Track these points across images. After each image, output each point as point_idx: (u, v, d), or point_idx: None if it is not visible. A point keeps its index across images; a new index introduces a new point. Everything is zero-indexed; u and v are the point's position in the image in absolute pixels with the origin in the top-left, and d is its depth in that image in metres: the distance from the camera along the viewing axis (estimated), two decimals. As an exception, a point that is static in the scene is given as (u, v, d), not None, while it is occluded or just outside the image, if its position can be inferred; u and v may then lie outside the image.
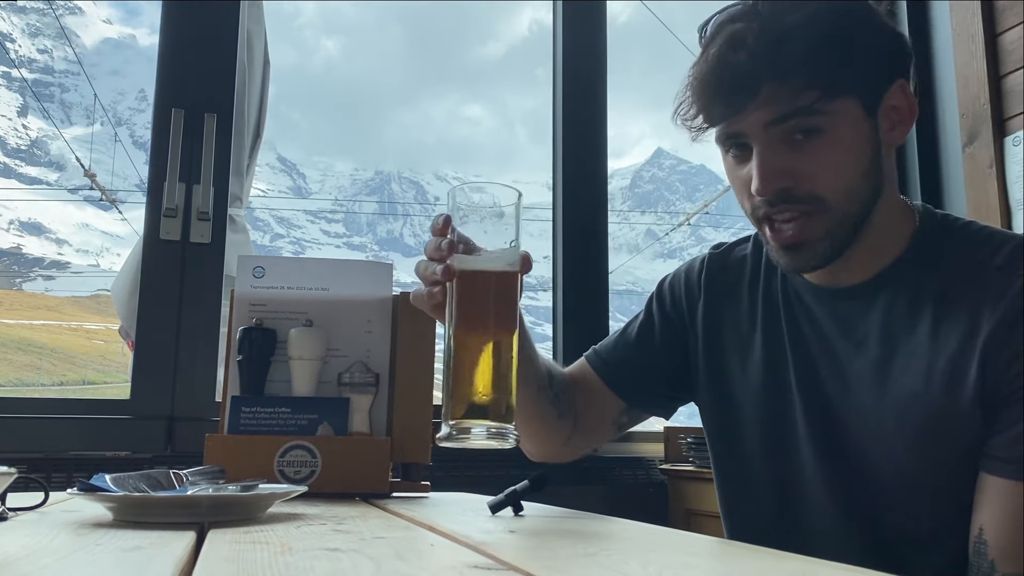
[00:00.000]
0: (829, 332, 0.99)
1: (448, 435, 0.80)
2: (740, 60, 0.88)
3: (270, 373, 1.12)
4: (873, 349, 0.95)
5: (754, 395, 1.05)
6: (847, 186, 0.91)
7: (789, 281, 1.04)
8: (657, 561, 0.57)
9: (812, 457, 0.98)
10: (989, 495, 0.87)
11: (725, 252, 1.14)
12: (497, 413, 0.80)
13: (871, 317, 0.96)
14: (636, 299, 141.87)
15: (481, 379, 0.81)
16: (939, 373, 0.89)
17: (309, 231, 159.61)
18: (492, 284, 0.82)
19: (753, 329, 1.06)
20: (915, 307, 0.93)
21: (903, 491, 0.92)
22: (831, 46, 0.88)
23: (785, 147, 0.90)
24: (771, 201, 0.91)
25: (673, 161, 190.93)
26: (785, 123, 0.89)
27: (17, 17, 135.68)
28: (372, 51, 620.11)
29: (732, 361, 1.08)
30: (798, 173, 0.90)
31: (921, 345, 0.91)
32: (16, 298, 62.14)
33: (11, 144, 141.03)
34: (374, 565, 0.52)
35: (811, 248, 0.92)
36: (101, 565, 0.55)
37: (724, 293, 1.11)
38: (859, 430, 0.95)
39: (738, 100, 0.89)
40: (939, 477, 0.90)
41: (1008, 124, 1.98)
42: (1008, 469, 0.85)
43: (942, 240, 0.96)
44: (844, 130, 0.90)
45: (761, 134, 0.90)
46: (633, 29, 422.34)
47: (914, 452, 0.90)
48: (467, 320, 0.82)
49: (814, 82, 0.87)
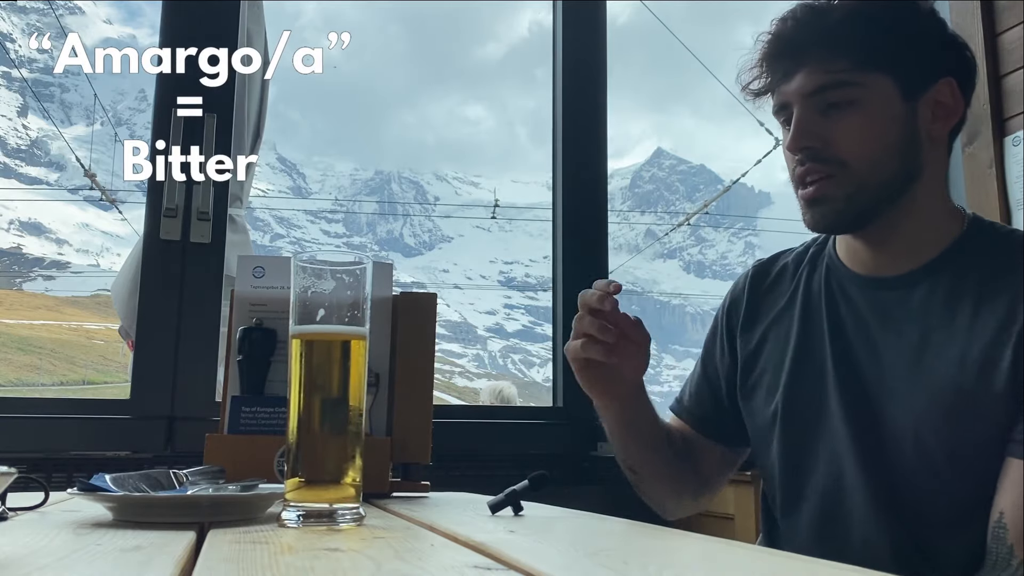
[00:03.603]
0: (868, 318, 1.03)
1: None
2: (788, 30, 1.01)
3: (270, 373, 1.12)
4: (910, 335, 0.98)
5: (788, 378, 1.07)
6: (871, 156, 0.98)
7: (833, 273, 1.08)
8: (657, 561, 0.57)
9: (845, 437, 1.00)
10: (1011, 479, 0.88)
11: (768, 262, 1.20)
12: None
13: (910, 306, 0.99)
14: (636, 299, 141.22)
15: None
16: (973, 359, 0.92)
17: (309, 231, 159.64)
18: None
19: (792, 320, 1.10)
20: (954, 299, 0.96)
21: (929, 474, 0.94)
22: (870, 23, 0.99)
23: (819, 114, 1.00)
24: (802, 160, 1.00)
25: (673, 161, 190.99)
26: (822, 94, 0.99)
27: (17, 17, 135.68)
28: (372, 51, 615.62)
29: (769, 345, 1.12)
30: (826, 138, 0.99)
31: (957, 333, 0.94)
32: (16, 298, 62.13)
33: (11, 144, 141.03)
34: (374, 565, 0.52)
35: (830, 206, 0.99)
36: (101, 565, 0.55)
37: (767, 294, 1.16)
38: (892, 413, 0.97)
39: (785, 67, 1.01)
40: (966, 462, 0.92)
41: (1008, 124, 1.98)
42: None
43: (986, 243, 1.01)
44: (874, 105, 0.98)
45: (801, 101, 1.00)
46: (633, 29, 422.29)
47: (942, 435, 0.93)
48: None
49: (848, 54, 0.97)
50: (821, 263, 1.11)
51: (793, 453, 1.06)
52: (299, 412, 0.76)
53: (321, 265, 0.77)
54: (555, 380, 2.14)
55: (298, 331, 0.77)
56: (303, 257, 0.77)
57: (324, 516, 0.72)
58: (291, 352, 0.77)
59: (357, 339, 0.77)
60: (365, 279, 0.77)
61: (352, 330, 0.77)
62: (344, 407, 0.77)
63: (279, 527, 0.72)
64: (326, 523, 0.72)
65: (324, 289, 0.77)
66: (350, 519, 0.73)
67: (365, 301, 0.78)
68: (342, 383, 0.77)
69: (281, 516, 0.73)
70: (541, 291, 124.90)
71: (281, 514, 0.73)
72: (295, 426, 0.76)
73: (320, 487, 0.75)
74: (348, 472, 0.75)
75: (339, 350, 0.77)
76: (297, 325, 0.77)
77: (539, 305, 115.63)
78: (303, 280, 0.77)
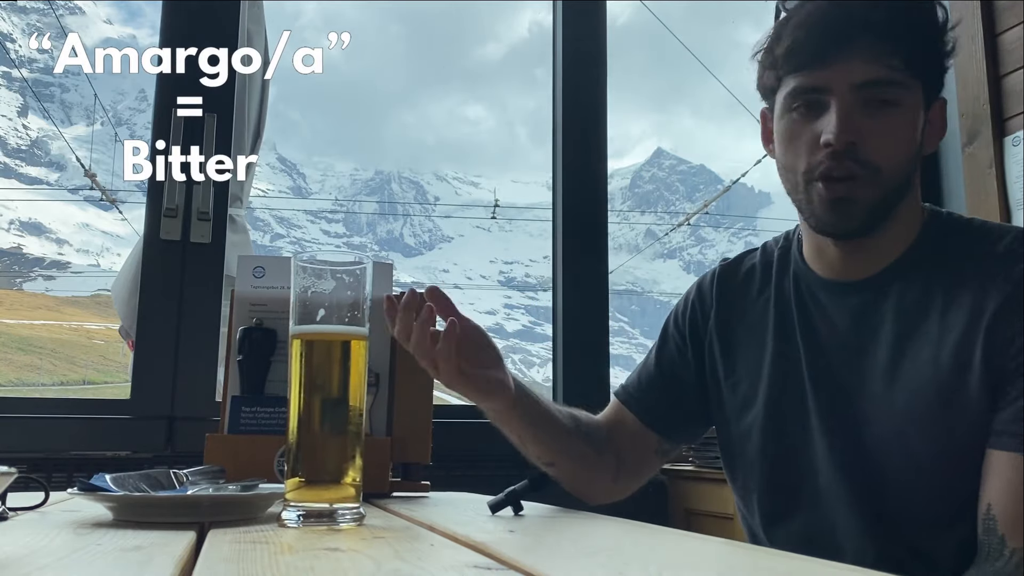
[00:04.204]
0: (841, 325, 1.01)
1: None
2: (838, 12, 0.93)
3: (270, 373, 1.12)
4: (885, 340, 0.97)
5: (767, 389, 1.05)
6: (899, 164, 0.95)
7: (801, 279, 1.06)
8: (657, 561, 0.57)
9: (824, 447, 0.99)
10: (995, 470, 0.88)
11: (734, 263, 1.17)
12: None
13: (883, 309, 0.98)
14: (636, 299, 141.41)
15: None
16: (947, 357, 0.91)
17: (309, 231, 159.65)
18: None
19: (765, 328, 1.08)
20: (925, 298, 0.95)
21: (915, 476, 0.93)
22: (918, 25, 0.95)
23: (862, 109, 0.93)
24: (836, 155, 0.93)
25: (673, 161, 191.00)
26: (872, 88, 0.93)
27: (17, 17, 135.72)
28: (372, 51, 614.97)
29: (746, 360, 1.09)
30: (869, 136, 0.93)
31: (930, 333, 0.94)
32: (16, 298, 62.15)
33: (11, 144, 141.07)
34: (374, 565, 0.52)
35: (856, 208, 0.95)
36: (101, 565, 0.55)
37: (736, 299, 1.13)
38: (872, 418, 0.96)
39: (831, 49, 0.93)
40: (950, 461, 0.92)
41: (1008, 124, 1.98)
42: (1013, 443, 0.86)
43: (948, 235, 0.99)
44: (911, 110, 0.95)
45: (847, 93, 0.93)
46: (633, 29, 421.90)
47: (925, 437, 0.92)
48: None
49: (901, 51, 0.92)
50: (789, 266, 1.08)
51: (777, 472, 1.04)
52: (299, 412, 0.76)
53: (321, 265, 0.77)
54: (555, 380, 2.14)
55: (298, 331, 0.77)
56: (303, 257, 0.77)
57: (324, 516, 0.72)
58: (291, 352, 0.77)
59: (357, 339, 0.77)
60: (365, 279, 0.77)
61: (352, 330, 0.77)
62: (344, 407, 0.77)
63: (279, 527, 0.72)
64: (326, 523, 0.72)
65: (324, 289, 0.77)
66: (350, 519, 0.73)
67: (365, 301, 0.78)
68: (342, 383, 0.77)
69: (281, 516, 0.73)
70: (541, 291, 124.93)
71: (281, 514, 0.73)
72: (295, 426, 0.76)
73: (320, 487, 0.75)
74: (348, 472, 0.75)
75: (339, 350, 0.77)
76: (297, 325, 0.77)
77: (539, 305, 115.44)
78: (303, 280, 0.77)
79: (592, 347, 2.14)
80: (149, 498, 0.79)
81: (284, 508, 0.74)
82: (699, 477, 1.96)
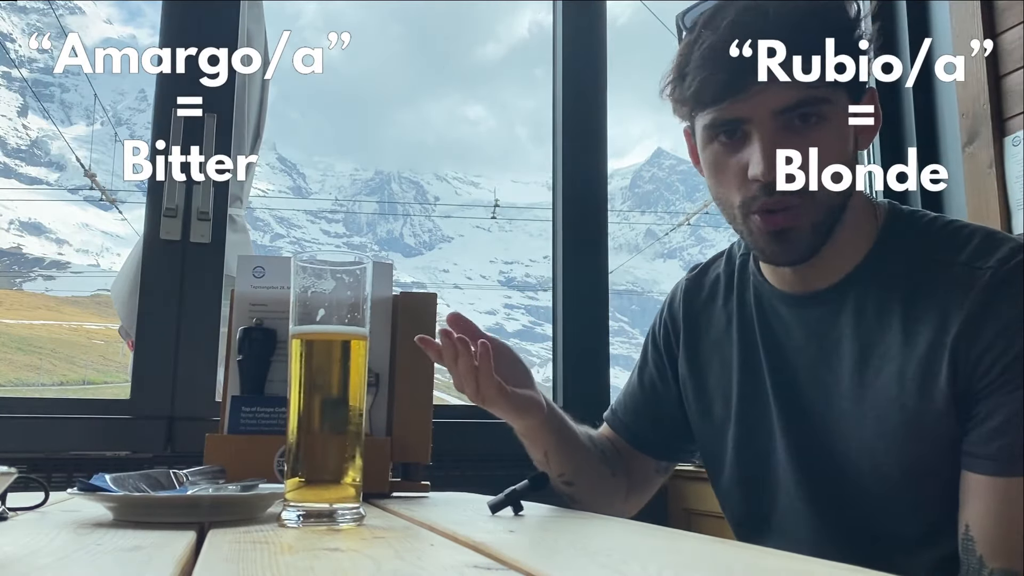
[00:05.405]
0: (802, 340, 0.99)
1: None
2: (741, 41, 0.86)
3: (270, 373, 1.12)
4: (847, 354, 0.94)
5: (733, 405, 1.05)
6: (833, 177, 0.90)
7: (761, 292, 1.04)
8: (657, 561, 0.57)
9: (789, 466, 0.98)
10: (971, 492, 0.87)
11: (699, 275, 1.16)
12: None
13: (842, 322, 0.95)
14: (636, 299, 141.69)
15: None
16: (912, 375, 0.89)
17: (309, 231, 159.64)
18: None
19: (730, 343, 1.06)
20: (884, 308, 0.92)
21: (886, 495, 0.91)
22: (828, 30, 0.88)
23: (787, 133, 0.89)
24: (769, 188, 0.89)
25: (673, 161, 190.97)
26: (795, 111, 0.88)
27: (17, 17, 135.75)
28: (372, 51, 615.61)
29: (713, 375, 1.08)
30: (797, 161, 0.88)
31: (893, 347, 0.91)
32: (16, 298, 62.14)
33: (11, 144, 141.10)
34: (374, 565, 0.52)
35: (798, 237, 0.91)
36: (101, 565, 0.55)
37: (702, 313, 1.12)
38: (838, 436, 0.94)
39: (741, 83, 0.87)
40: (922, 478, 0.90)
41: (1008, 124, 1.98)
42: (986, 465, 0.85)
43: (907, 238, 0.95)
44: (837, 118, 0.91)
45: (767, 120, 0.88)
46: (633, 29, 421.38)
47: (894, 455, 0.90)
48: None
49: (816, 64, 0.86)
50: (748, 279, 1.06)
51: (751, 498, 1.04)
52: (299, 412, 0.76)
53: (321, 265, 0.77)
54: (555, 380, 2.14)
55: (298, 331, 0.77)
56: (303, 257, 0.77)
57: (324, 516, 0.73)
58: (291, 352, 0.77)
59: (357, 339, 0.77)
60: (365, 279, 0.77)
61: (352, 330, 0.77)
62: (344, 407, 0.77)
63: (279, 527, 0.72)
64: (326, 523, 0.72)
65: (324, 289, 0.77)
66: (350, 519, 0.73)
67: (365, 301, 0.78)
68: (342, 383, 0.77)
69: (281, 516, 0.73)
70: (541, 291, 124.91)
71: (281, 514, 0.73)
72: (295, 426, 0.76)
73: (320, 487, 0.75)
74: (348, 472, 0.75)
75: (339, 350, 0.77)
76: (297, 325, 0.77)
77: (539, 305, 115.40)
78: (303, 280, 0.77)
79: (592, 347, 2.14)
80: (149, 498, 0.79)
81: (284, 508, 0.74)
82: (699, 477, 1.96)
